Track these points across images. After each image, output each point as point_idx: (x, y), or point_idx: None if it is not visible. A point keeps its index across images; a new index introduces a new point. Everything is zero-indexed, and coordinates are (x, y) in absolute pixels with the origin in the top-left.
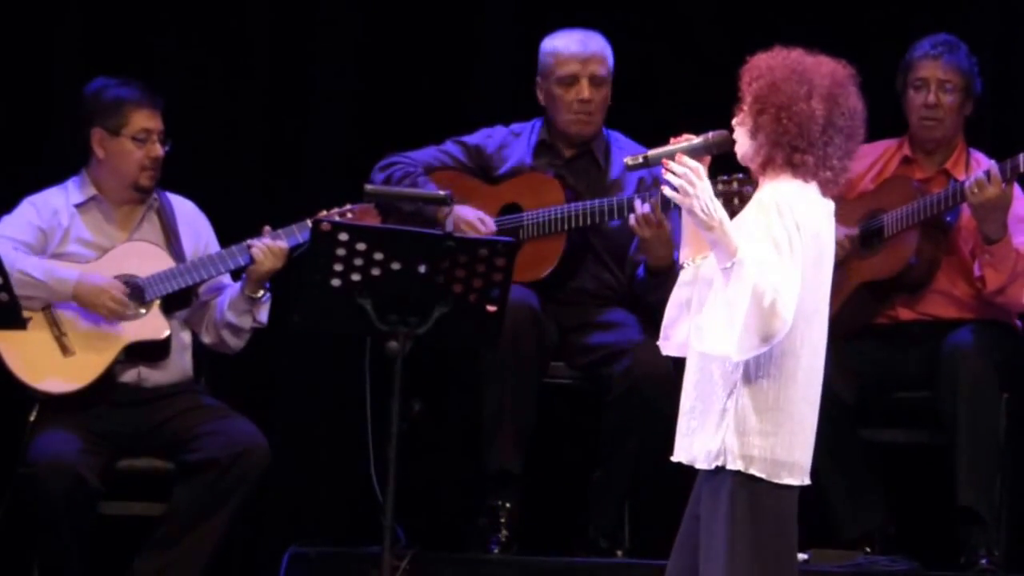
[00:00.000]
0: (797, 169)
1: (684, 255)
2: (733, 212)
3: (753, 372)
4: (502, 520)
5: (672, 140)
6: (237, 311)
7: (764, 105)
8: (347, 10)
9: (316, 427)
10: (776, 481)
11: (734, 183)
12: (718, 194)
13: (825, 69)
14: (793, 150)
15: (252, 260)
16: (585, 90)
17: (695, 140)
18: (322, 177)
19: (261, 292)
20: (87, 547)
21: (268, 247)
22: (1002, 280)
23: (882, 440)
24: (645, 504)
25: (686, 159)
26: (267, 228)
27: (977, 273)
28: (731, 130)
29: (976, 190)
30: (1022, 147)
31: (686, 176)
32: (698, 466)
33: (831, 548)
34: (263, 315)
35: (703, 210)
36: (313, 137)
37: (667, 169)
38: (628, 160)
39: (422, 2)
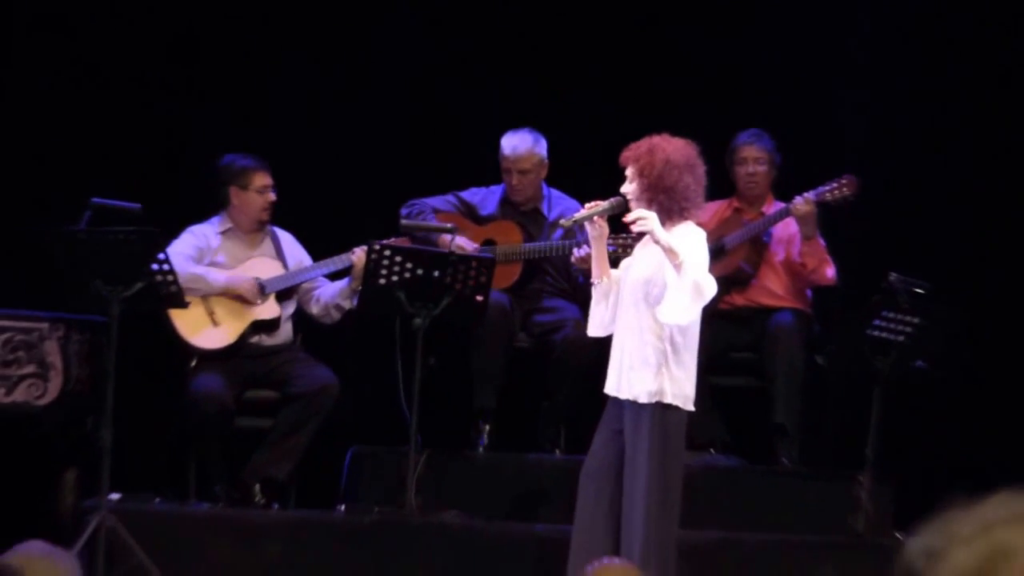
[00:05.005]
0: (686, 216)
1: (595, 275)
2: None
3: (675, 334)
4: (484, 434)
5: (586, 205)
6: (343, 296)
7: (655, 190)
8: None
9: (368, 373)
10: (685, 408)
11: (626, 240)
12: (618, 246)
13: (683, 150)
14: (683, 210)
15: (352, 264)
16: (513, 178)
17: (603, 204)
18: (373, 214)
19: (360, 286)
20: (227, 449)
21: (360, 255)
22: (815, 263)
23: (722, 384)
24: (573, 422)
25: (641, 211)
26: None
27: (798, 260)
28: (623, 196)
29: (800, 206)
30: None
31: (640, 215)
32: (641, 401)
33: (688, 450)
34: (356, 300)
35: (659, 231)
36: (368, 188)
37: (626, 220)
38: (563, 221)
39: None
